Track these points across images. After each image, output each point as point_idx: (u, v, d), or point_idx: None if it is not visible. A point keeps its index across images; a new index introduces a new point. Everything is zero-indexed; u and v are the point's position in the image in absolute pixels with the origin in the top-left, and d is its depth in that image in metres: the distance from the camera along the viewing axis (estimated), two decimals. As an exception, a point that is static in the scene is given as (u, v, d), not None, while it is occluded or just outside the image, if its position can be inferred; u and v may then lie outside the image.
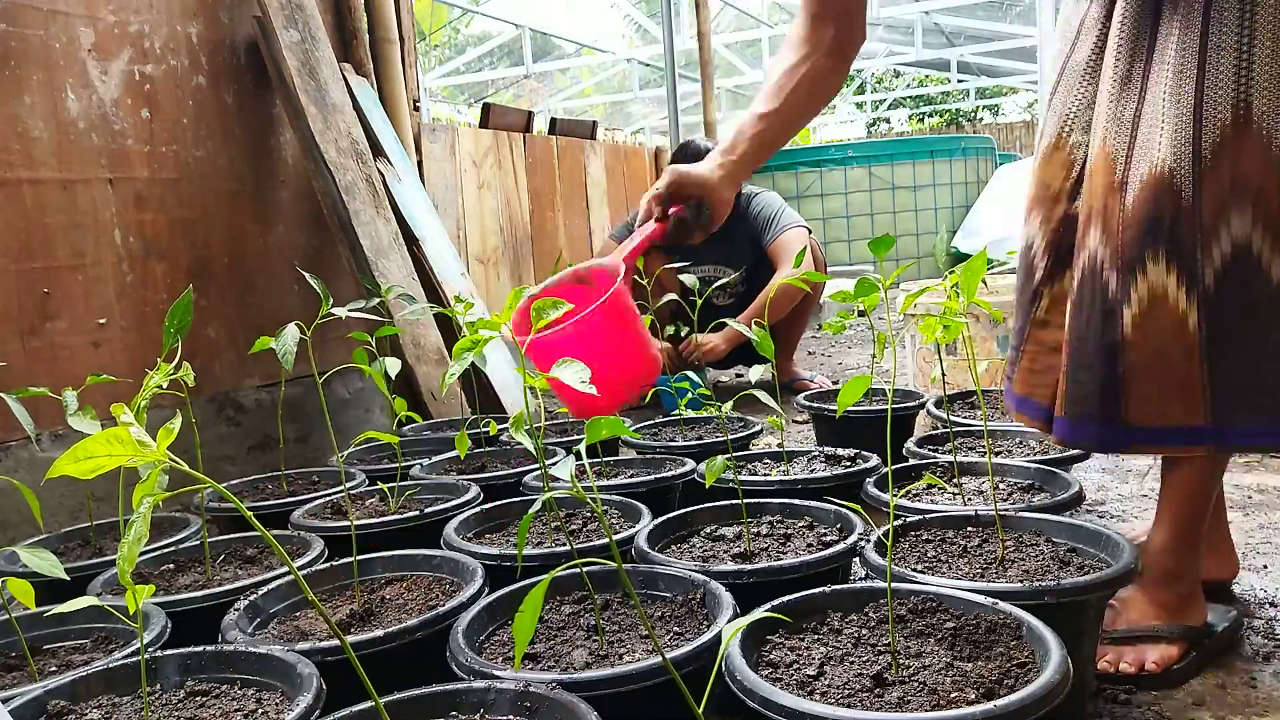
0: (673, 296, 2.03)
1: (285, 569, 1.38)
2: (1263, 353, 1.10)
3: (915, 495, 1.52)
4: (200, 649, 1.05)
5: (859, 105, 18.06)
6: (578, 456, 1.80)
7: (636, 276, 2.39)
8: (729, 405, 1.62)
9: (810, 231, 3.28)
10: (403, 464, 1.96)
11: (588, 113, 12.99)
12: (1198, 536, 1.29)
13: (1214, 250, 1.09)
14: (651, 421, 2.25)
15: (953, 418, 1.99)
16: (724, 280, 2.16)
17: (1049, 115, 1.30)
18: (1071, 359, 1.20)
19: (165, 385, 1.04)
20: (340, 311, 1.60)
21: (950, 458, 1.66)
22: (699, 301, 1.86)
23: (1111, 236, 1.14)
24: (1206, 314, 1.09)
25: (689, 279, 1.85)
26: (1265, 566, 1.58)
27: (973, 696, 0.88)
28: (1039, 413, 1.29)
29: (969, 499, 1.51)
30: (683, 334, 2.96)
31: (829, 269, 6.46)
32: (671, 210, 1.64)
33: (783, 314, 3.16)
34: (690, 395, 1.92)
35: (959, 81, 13.69)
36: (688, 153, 3.18)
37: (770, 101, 1.55)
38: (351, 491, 1.75)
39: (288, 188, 2.72)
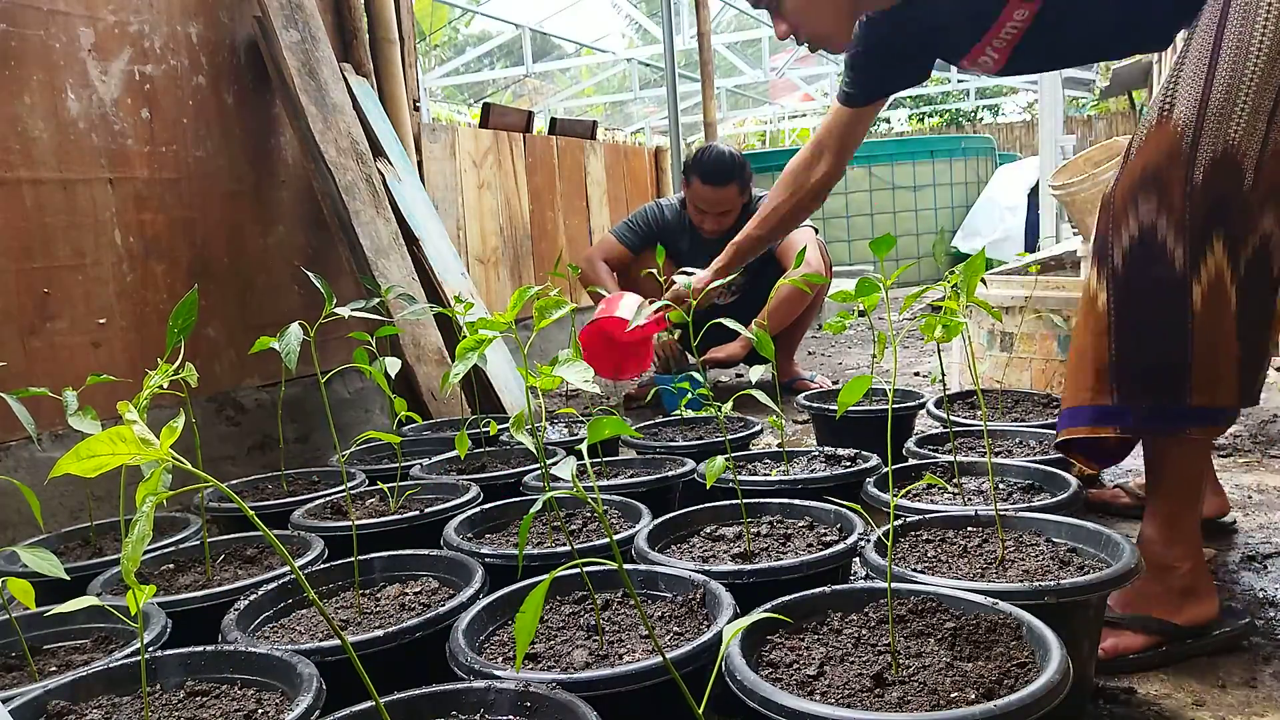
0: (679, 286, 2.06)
1: (285, 569, 1.38)
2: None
3: (915, 495, 1.53)
4: (200, 649, 1.05)
5: (859, 105, 18.03)
6: (578, 456, 1.81)
7: (654, 273, 2.40)
8: (729, 405, 1.62)
9: (817, 231, 3.28)
10: (403, 464, 1.96)
11: (588, 113, 12.99)
12: (1190, 530, 1.28)
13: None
14: (651, 421, 2.25)
15: (953, 418, 1.99)
16: (723, 280, 2.16)
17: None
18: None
19: (165, 385, 1.04)
20: (343, 311, 1.60)
21: (950, 458, 1.66)
22: (694, 302, 1.86)
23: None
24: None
25: (688, 280, 1.85)
26: (1265, 566, 1.58)
27: (973, 696, 0.88)
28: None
29: (969, 499, 1.51)
30: (677, 335, 2.97)
31: (831, 269, 6.44)
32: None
33: (793, 318, 3.16)
34: (690, 395, 1.92)
35: (959, 81, 13.69)
36: (707, 156, 3.14)
37: (759, 223, 2.27)
38: (352, 491, 1.75)
39: (288, 188, 2.72)
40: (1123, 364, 1.22)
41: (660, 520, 1.42)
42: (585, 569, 1.19)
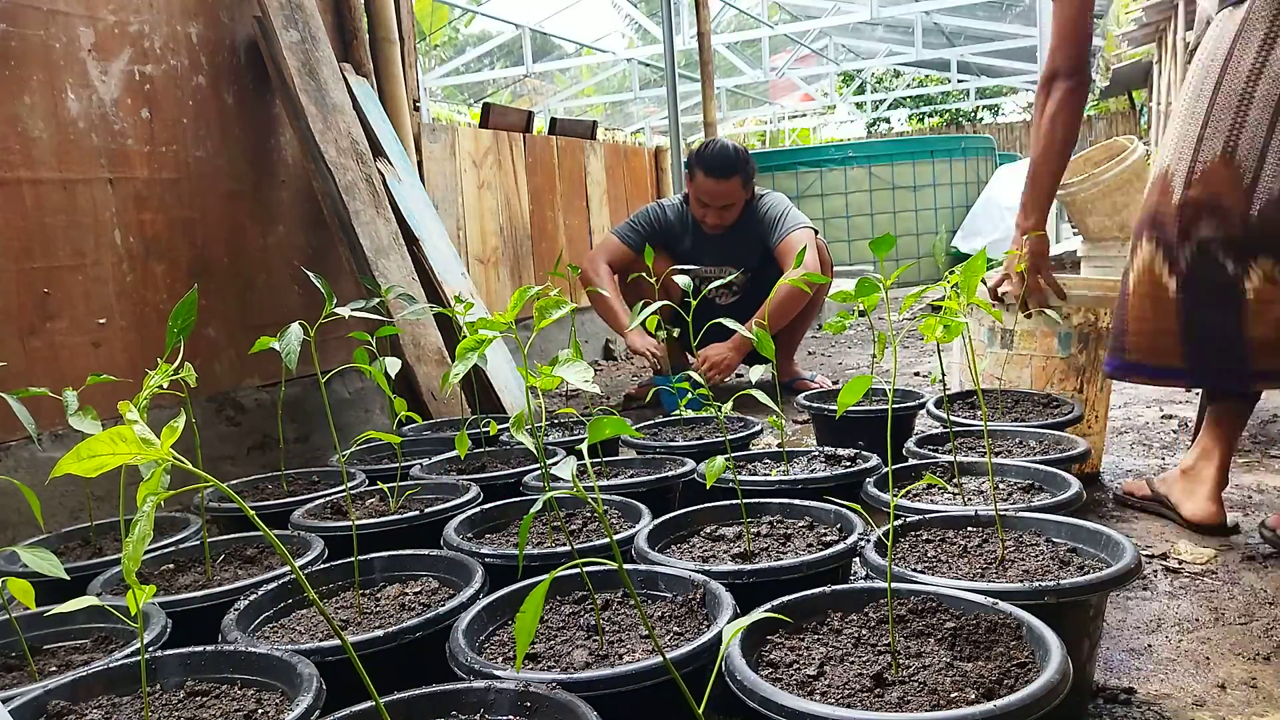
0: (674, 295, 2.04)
1: (285, 569, 1.38)
2: None
3: (915, 495, 1.53)
4: (200, 649, 1.05)
5: (859, 105, 18.06)
6: (578, 456, 1.81)
7: (645, 275, 2.39)
8: (729, 405, 1.62)
9: (817, 232, 3.28)
10: (403, 464, 1.96)
11: (588, 113, 13.00)
12: (1222, 460, 1.77)
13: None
14: (651, 421, 2.26)
15: (953, 418, 1.99)
16: (724, 280, 2.16)
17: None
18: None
19: (165, 385, 1.04)
20: (343, 311, 1.60)
21: (950, 458, 1.66)
22: (694, 302, 1.86)
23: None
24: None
25: (685, 280, 1.85)
26: (1265, 566, 1.58)
27: (973, 696, 0.88)
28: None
29: (969, 499, 1.51)
30: (675, 334, 2.96)
31: (832, 269, 6.43)
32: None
33: (791, 317, 3.15)
34: (690, 395, 1.92)
35: (959, 81, 13.70)
36: (710, 150, 3.14)
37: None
38: (352, 491, 1.75)
39: (288, 188, 2.72)
40: (1189, 338, 1.64)
41: (660, 520, 1.42)
42: (585, 569, 1.19)
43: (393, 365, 1.49)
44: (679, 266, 2.65)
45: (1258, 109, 1.53)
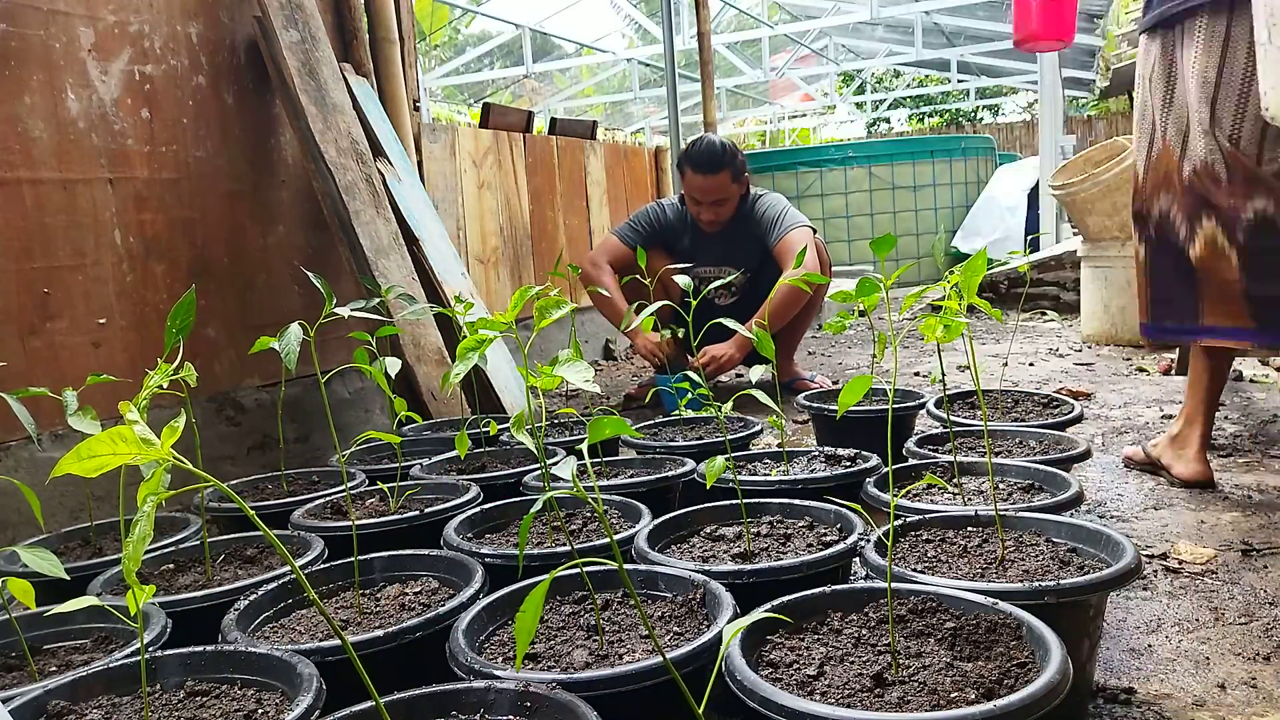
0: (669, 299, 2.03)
1: (285, 569, 1.38)
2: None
3: (915, 495, 1.52)
4: (200, 649, 1.05)
5: (859, 105, 18.06)
6: (578, 456, 1.81)
7: (639, 277, 2.39)
8: (729, 405, 1.62)
9: (815, 231, 3.28)
10: (403, 464, 1.96)
11: (588, 113, 13.00)
12: (1204, 424, 2.00)
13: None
14: (651, 421, 2.26)
15: (953, 418, 1.99)
16: (723, 280, 2.16)
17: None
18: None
19: (165, 385, 1.04)
20: (343, 311, 1.60)
21: (950, 458, 1.66)
22: (694, 303, 1.86)
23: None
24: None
25: (685, 280, 1.85)
26: (1265, 566, 1.58)
27: (973, 696, 0.88)
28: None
29: (969, 499, 1.51)
30: (679, 334, 2.96)
31: (831, 269, 6.43)
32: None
33: (790, 316, 3.15)
34: (690, 395, 1.92)
35: (959, 81, 13.69)
36: (697, 147, 3.15)
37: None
38: (352, 491, 1.75)
39: (288, 188, 2.72)
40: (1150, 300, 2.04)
41: (660, 520, 1.42)
42: (585, 569, 1.19)
43: (393, 365, 1.49)
44: (677, 265, 2.65)
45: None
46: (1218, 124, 1.79)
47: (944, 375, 1.60)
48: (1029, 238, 6.43)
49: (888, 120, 19.93)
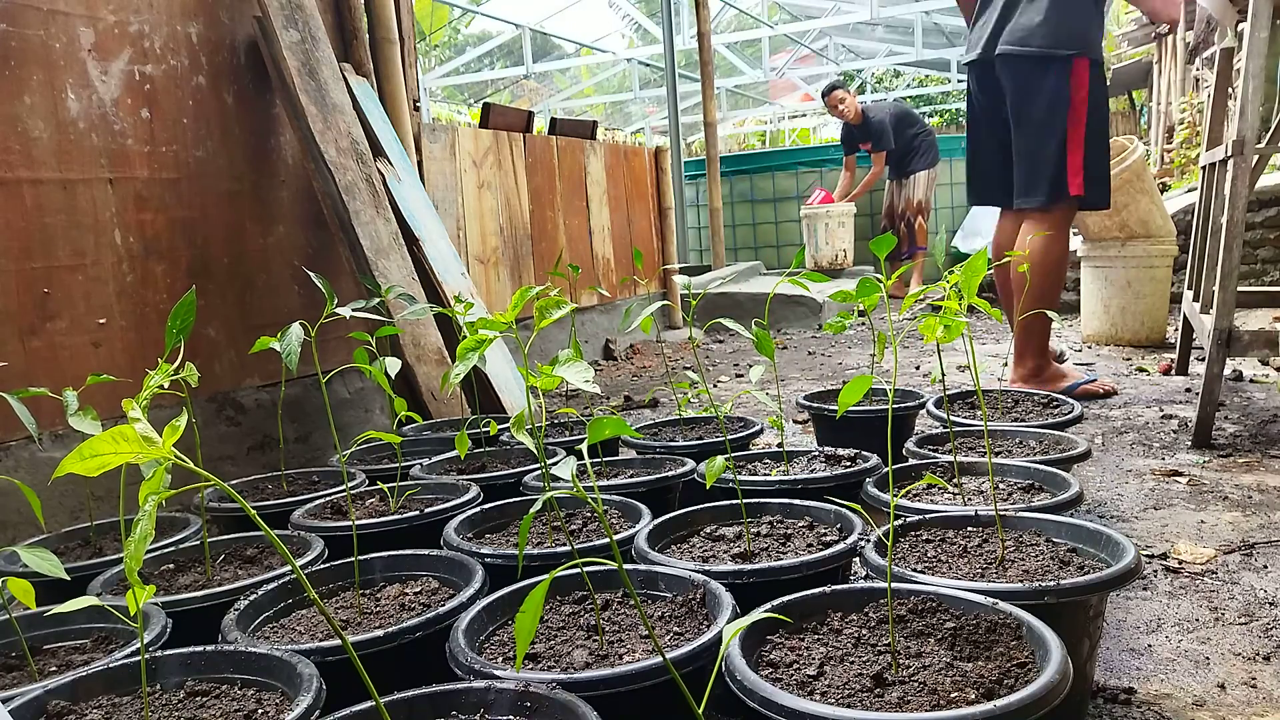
0: None
1: (285, 569, 1.38)
2: None
3: (915, 495, 1.52)
4: (200, 649, 1.05)
5: (859, 105, 18.03)
6: (578, 456, 1.81)
7: None
8: (728, 406, 1.62)
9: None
10: (403, 464, 1.96)
11: (588, 113, 13.00)
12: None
13: None
14: (651, 421, 2.26)
15: (953, 418, 1.99)
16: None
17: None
18: None
19: (165, 385, 1.04)
20: (343, 311, 1.60)
21: (950, 458, 1.66)
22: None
23: None
24: None
25: None
26: (1265, 566, 1.58)
27: (973, 696, 0.88)
28: None
29: (969, 499, 1.51)
30: None
31: (827, 270, 6.43)
32: None
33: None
34: (694, 393, 1.92)
35: (959, 81, 13.69)
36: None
37: None
38: (352, 491, 1.75)
39: (288, 188, 2.72)
40: None
41: (660, 520, 1.42)
42: (585, 569, 1.19)
43: (393, 365, 1.49)
44: None
45: None
46: None
47: (944, 375, 1.60)
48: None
49: (888, 120, 19.90)
